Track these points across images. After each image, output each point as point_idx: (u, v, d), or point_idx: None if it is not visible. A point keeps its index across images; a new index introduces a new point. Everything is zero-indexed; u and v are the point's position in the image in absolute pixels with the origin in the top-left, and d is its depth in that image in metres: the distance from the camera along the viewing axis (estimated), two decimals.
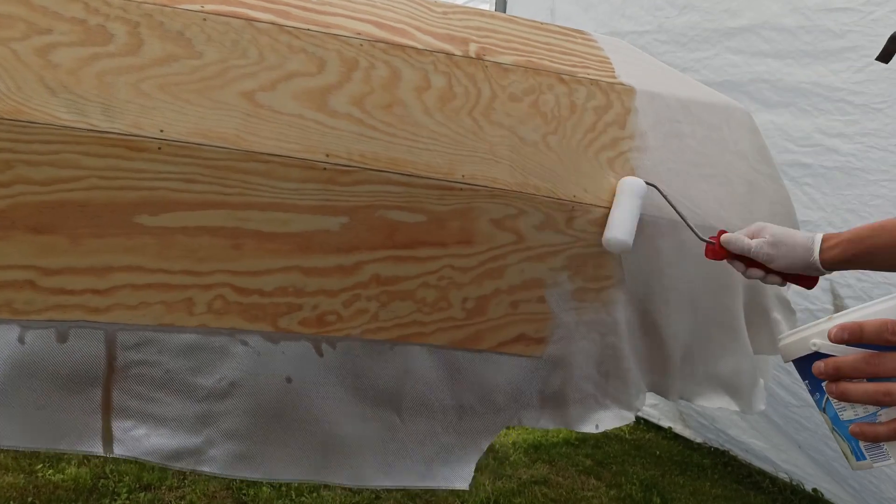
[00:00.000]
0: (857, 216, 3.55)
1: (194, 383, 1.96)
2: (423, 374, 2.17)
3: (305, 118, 1.91)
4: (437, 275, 2.09)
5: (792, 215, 2.67)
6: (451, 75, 2.10)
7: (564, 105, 2.22)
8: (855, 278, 3.63)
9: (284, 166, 1.87)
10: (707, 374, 2.60)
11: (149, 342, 1.89)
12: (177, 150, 1.78)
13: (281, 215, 1.90)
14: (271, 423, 2.05)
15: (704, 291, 2.44)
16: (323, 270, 1.98)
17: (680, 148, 2.38)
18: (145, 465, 4.08)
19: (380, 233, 2.00)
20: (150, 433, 1.95)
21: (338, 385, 2.08)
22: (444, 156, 2.02)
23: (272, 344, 1.98)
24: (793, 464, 4.54)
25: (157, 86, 1.81)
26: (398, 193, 1.98)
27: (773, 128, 3.82)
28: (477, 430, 2.29)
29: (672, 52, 4.40)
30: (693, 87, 2.57)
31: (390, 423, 2.18)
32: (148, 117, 1.77)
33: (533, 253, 2.16)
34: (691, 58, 4.31)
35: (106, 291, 1.83)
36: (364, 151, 1.94)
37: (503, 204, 2.08)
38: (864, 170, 3.54)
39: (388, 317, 2.08)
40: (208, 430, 1.99)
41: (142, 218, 1.81)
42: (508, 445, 5.08)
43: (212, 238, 1.87)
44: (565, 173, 2.16)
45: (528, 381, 2.30)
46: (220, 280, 1.90)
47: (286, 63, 1.94)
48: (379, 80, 2.01)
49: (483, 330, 2.19)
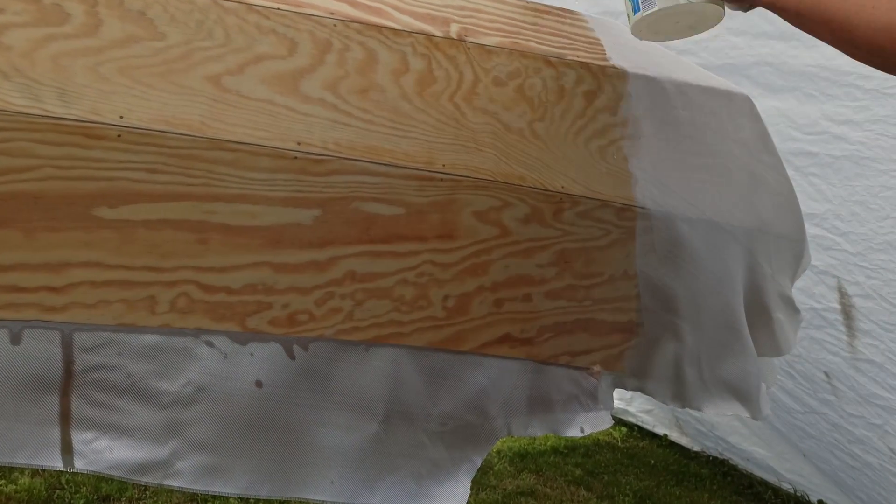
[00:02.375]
0: (867, 209, 3.54)
1: (158, 388, 1.95)
2: (403, 378, 2.17)
3: (275, 104, 1.92)
4: (416, 271, 2.10)
5: (796, 208, 2.69)
6: (430, 58, 2.11)
7: (552, 90, 2.23)
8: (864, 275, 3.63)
9: (253, 155, 1.88)
10: (715, 380, 2.62)
11: (108, 343, 1.88)
12: (138, 137, 1.79)
13: (249, 208, 1.91)
14: (242, 433, 2.05)
15: (705, 289, 2.46)
16: (294, 266, 1.99)
17: (676, 136, 2.39)
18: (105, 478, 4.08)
19: (355, 226, 2.01)
20: (113, 445, 1.94)
21: (311, 390, 2.09)
22: (424, 144, 2.04)
23: (240, 345, 1.99)
24: (797, 473, 4.57)
25: (116, 69, 1.80)
26: (374, 184, 1.99)
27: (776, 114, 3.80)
28: (466, 442, 2.31)
29: None
30: (691, 70, 2.58)
31: (371, 434, 2.18)
32: (107, 103, 1.77)
33: (518, 248, 2.18)
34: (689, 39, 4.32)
35: (62, 289, 1.83)
36: (338, 139, 1.95)
37: (486, 195, 2.10)
38: (874, 159, 3.53)
39: (363, 316, 2.09)
40: (175, 441, 1.99)
41: (100, 210, 1.81)
42: (493, 454, 5.09)
43: (175, 232, 1.87)
44: (553, 162, 2.18)
45: (514, 385, 2.32)
46: (184, 277, 1.91)
47: (255, 45, 1.94)
48: (354, 63, 2.02)
49: (465, 330, 2.21)
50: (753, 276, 2.60)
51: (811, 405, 4.09)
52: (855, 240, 3.60)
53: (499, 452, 5.13)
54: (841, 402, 3.92)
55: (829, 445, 4.15)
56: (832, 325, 3.79)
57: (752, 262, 2.59)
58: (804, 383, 4.08)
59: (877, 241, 3.51)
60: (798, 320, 2.85)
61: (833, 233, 3.66)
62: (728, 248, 2.50)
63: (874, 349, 3.65)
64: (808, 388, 4.08)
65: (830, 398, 3.98)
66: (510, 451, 5.16)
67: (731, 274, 2.49)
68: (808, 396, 4.10)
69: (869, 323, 3.63)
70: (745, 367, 2.61)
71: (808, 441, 4.30)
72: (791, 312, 2.79)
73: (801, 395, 4.15)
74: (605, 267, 2.33)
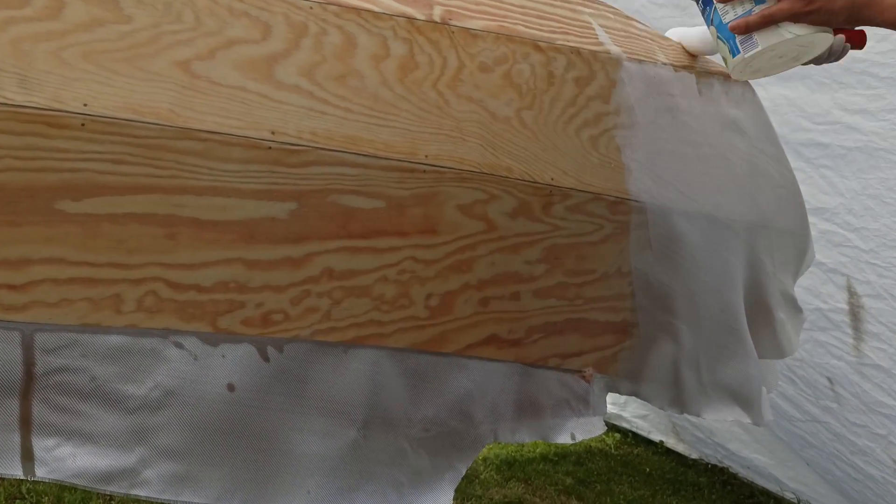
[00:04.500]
0: (882, 203, 3.53)
1: (124, 392, 1.94)
2: (383, 381, 2.18)
3: (248, 91, 1.92)
4: (398, 268, 2.11)
5: (799, 201, 2.71)
6: (412, 42, 2.11)
7: (541, 76, 2.24)
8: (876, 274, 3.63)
9: (224, 145, 1.88)
10: (714, 384, 2.64)
11: (72, 344, 1.88)
12: (103, 126, 1.78)
13: (221, 201, 1.92)
14: (213, 439, 2.05)
15: (704, 287, 2.47)
16: (268, 263, 2.00)
17: (673, 124, 2.41)
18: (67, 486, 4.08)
19: (333, 221, 2.02)
20: (77, 452, 1.92)
21: (287, 394, 2.09)
22: (406, 134, 2.05)
23: (211, 346, 2.00)
24: (801, 482, 4.57)
25: (80, 54, 1.79)
26: (353, 176, 2.00)
27: (785, 103, 3.78)
28: (450, 449, 2.32)
29: (671, 16, 4.33)
30: (690, 56, 2.59)
31: (350, 440, 2.18)
32: (70, 90, 1.77)
33: (505, 243, 2.19)
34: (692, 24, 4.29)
35: (23, 287, 1.82)
36: (314, 129, 1.96)
37: (472, 188, 2.12)
38: (889, 150, 3.52)
39: (341, 316, 2.10)
40: (142, 448, 1.98)
41: (63, 204, 1.80)
42: (478, 462, 5.09)
43: (142, 226, 1.87)
44: (542, 153, 2.19)
45: (501, 389, 2.33)
46: (151, 274, 1.91)
47: (226, 28, 1.93)
48: (331, 48, 2.02)
49: (449, 331, 2.23)
50: (755, 273, 2.62)
51: (813, 413, 4.09)
52: (867, 236, 3.59)
53: (485, 460, 5.13)
54: (844, 411, 3.92)
55: (830, 456, 4.15)
56: (838, 327, 3.80)
57: (753, 259, 2.60)
58: (806, 389, 4.08)
59: (891, 237, 3.51)
60: (801, 320, 2.86)
61: (844, 228, 3.65)
62: (728, 244, 2.52)
63: (882, 353, 3.64)
64: (809, 394, 4.08)
65: (833, 406, 3.98)
66: (497, 459, 5.17)
67: (730, 271, 2.51)
68: (809, 404, 4.10)
69: (878, 325, 3.63)
70: (745, 370, 2.62)
71: (810, 451, 4.30)
72: (793, 312, 2.80)
73: (802, 402, 4.15)
74: (597, 264, 2.35)
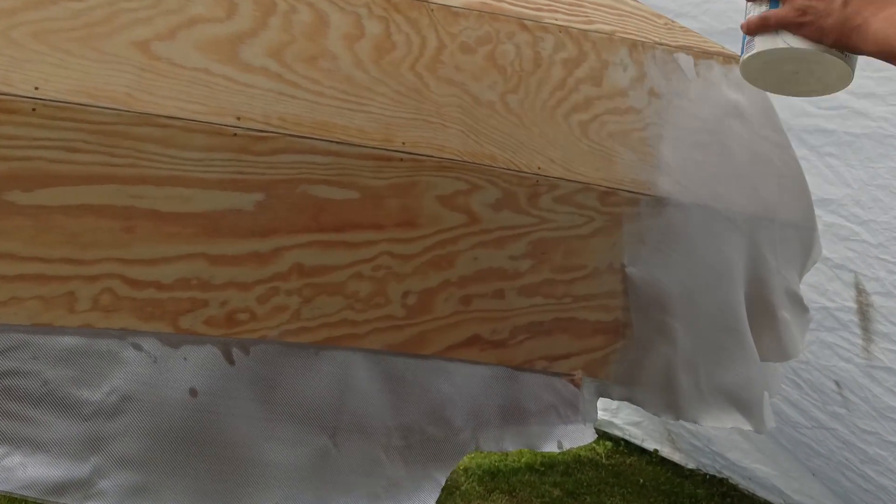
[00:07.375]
0: (891, 194, 3.51)
1: (78, 397, 1.94)
2: (357, 385, 2.19)
3: (212, 73, 1.92)
4: (373, 264, 2.13)
5: (804, 191, 2.72)
6: (389, 21, 2.11)
7: (527, 57, 2.25)
8: (886, 270, 3.63)
9: (186, 132, 1.88)
10: (713, 388, 2.65)
11: (22, 346, 1.88)
12: (55, 111, 1.78)
13: (182, 191, 1.92)
14: (175, 448, 2.04)
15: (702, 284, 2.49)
16: (233, 259, 2.00)
17: (668, 109, 2.42)
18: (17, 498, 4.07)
19: (303, 213, 2.03)
20: (27, 461, 1.92)
21: (254, 400, 2.10)
22: (381, 119, 2.06)
23: (171, 348, 2.00)
24: (806, 494, 4.58)
25: (30, 33, 1.79)
26: (325, 165, 2.01)
27: None
28: (429, 458, 2.32)
29: None
30: (686, 36, 2.61)
31: (321, 449, 2.19)
32: (20, 72, 1.76)
33: (489, 237, 2.21)
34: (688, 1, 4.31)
35: None
36: (283, 114, 1.96)
37: (452, 177, 2.13)
38: None
39: (312, 315, 2.11)
40: (97, 457, 1.97)
41: (13, 195, 1.80)
42: (459, 472, 5.10)
43: (98, 219, 1.87)
44: (528, 140, 2.21)
45: (484, 394, 2.34)
46: (107, 270, 1.91)
47: (188, 6, 1.93)
48: (301, 27, 2.02)
49: (428, 331, 2.24)
50: (756, 270, 2.63)
51: (819, 419, 4.09)
52: (876, 229, 3.58)
53: (466, 470, 5.14)
54: (853, 416, 3.92)
55: (838, 465, 4.15)
56: (846, 327, 3.80)
57: (754, 254, 2.61)
58: (812, 394, 4.08)
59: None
60: (807, 321, 2.86)
61: (851, 221, 3.65)
62: (727, 238, 2.53)
63: (892, 355, 3.64)
64: (816, 399, 4.08)
65: (841, 411, 3.98)
66: (479, 469, 5.17)
67: (730, 267, 2.52)
68: (815, 409, 4.11)
69: (888, 325, 3.63)
70: (746, 374, 2.63)
71: (817, 460, 4.31)
72: (799, 311, 2.81)
73: (808, 407, 4.15)
74: (587, 259, 2.36)
